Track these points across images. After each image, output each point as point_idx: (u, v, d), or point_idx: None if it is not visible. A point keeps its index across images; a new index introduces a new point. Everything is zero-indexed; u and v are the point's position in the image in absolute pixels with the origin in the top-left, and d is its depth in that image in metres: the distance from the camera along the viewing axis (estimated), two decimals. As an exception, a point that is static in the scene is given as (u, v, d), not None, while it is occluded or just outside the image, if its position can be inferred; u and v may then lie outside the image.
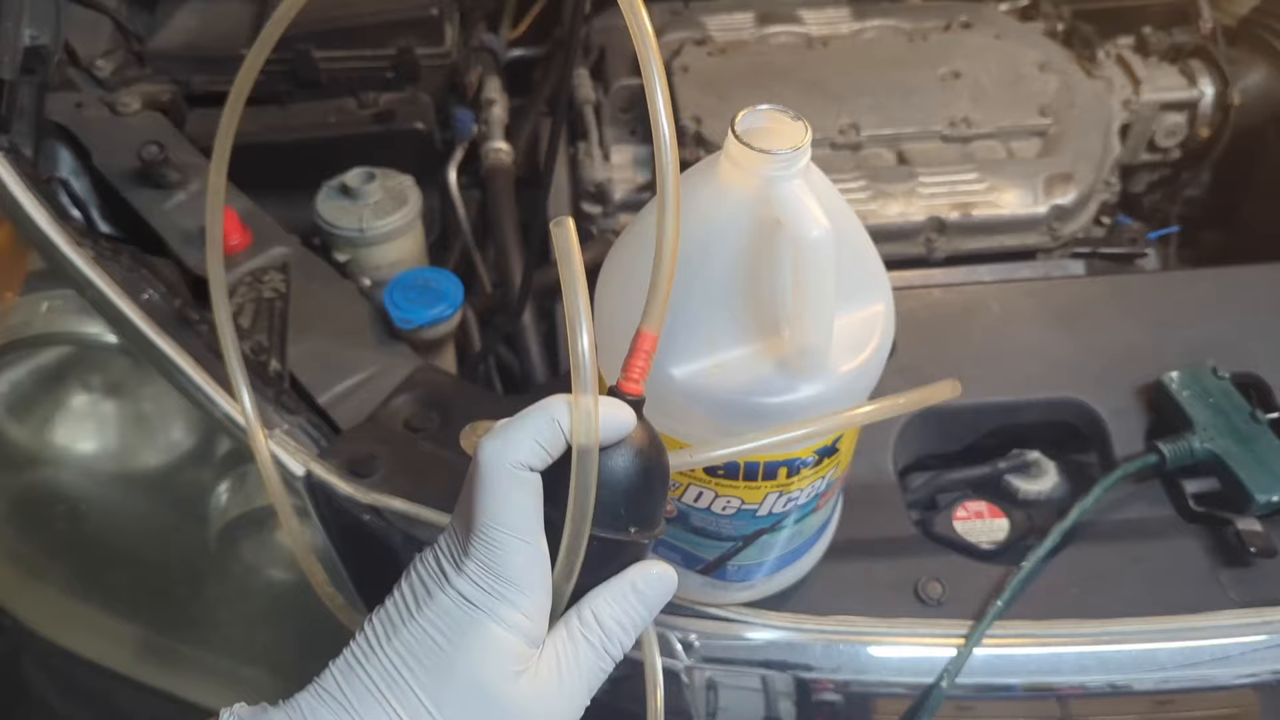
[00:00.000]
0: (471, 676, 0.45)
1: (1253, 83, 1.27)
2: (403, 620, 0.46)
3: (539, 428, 0.46)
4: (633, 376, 0.50)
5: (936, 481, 0.86)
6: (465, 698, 0.45)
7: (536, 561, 0.46)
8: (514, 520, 0.45)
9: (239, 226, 0.97)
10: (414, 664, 0.45)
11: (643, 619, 0.49)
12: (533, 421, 0.46)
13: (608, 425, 0.47)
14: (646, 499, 0.49)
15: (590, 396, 0.46)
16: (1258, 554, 0.76)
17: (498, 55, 1.37)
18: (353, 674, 0.46)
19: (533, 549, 0.46)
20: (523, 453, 0.46)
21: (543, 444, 0.46)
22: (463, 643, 0.45)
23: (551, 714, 0.46)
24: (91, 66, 1.14)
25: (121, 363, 0.90)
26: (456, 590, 0.46)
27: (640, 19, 0.47)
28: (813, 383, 0.57)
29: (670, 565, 0.50)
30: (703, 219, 0.56)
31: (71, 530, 1.00)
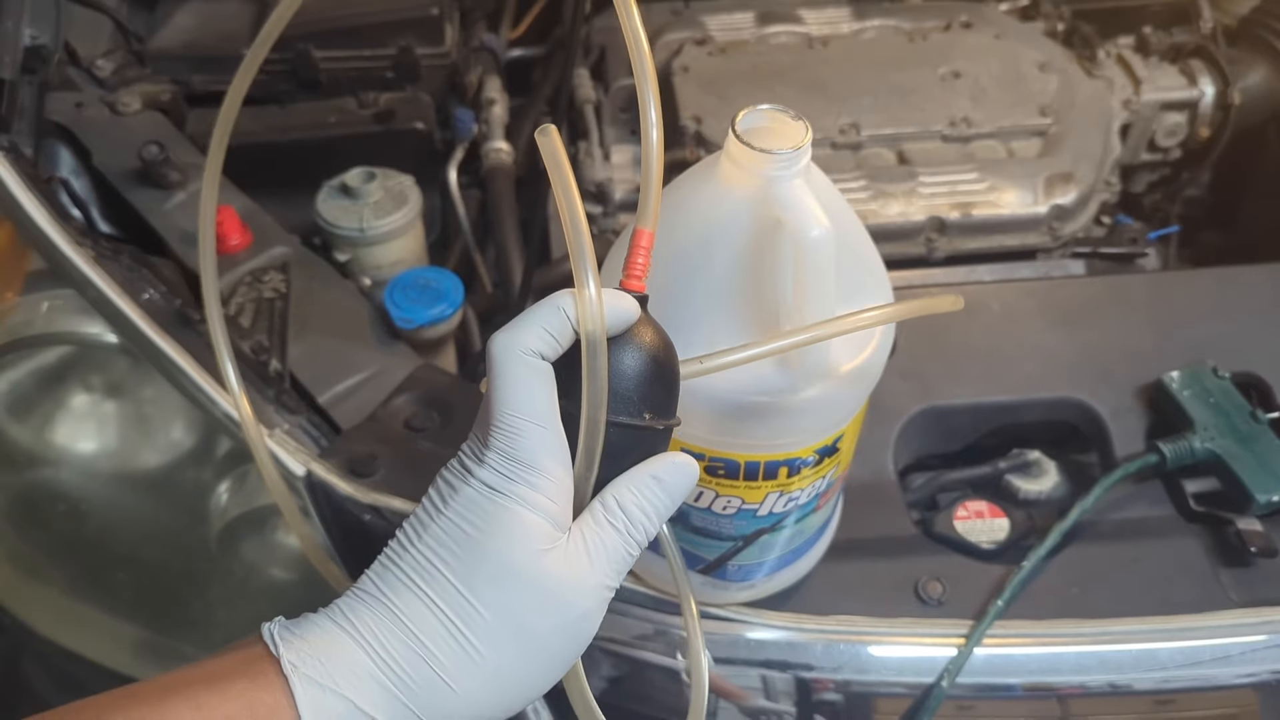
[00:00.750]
0: (500, 558, 0.46)
1: (1253, 82, 1.27)
2: (431, 517, 0.48)
3: (546, 316, 0.47)
4: (634, 273, 0.51)
5: (937, 481, 0.86)
6: (497, 578, 0.46)
7: (554, 444, 0.47)
8: (528, 405, 0.47)
9: (239, 226, 0.97)
10: (445, 554, 0.47)
11: (665, 507, 0.50)
12: (540, 311, 0.48)
13: (612, 315, 0.48)
14: (659, 385, 0.50)
15: (594, 285, 0.47)
16: (1258, 554, 0.76)
17: (498, 55, 1.37)
18: (387, 572, 0.47)
19: (549, 432, 0.47)
20: (532, 340, 0.47)
21: (551, 331, 0.47)
22: (489, 528, 0.46)
23: (581, 590, 0.47)
24: (92, 66, 1.14)
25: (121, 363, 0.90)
26: (480, 480, 0.47)
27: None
28: (813, 382, 0.57)
29: (690, 457, 0.51)
30: (703, 218, 0.56)
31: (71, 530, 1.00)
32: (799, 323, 0.55)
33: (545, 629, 0.47)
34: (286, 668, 0.44)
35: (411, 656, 0.45)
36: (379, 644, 0.46)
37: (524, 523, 0.46)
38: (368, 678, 0.45)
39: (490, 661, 0.46)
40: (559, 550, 0.47)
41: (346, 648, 0.46)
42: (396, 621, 0.46)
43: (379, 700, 0.45)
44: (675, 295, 0.57)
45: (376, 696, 0.45)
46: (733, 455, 0.60)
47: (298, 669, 0.44)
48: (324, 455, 0.84)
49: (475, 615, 0.46)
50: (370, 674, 0.45)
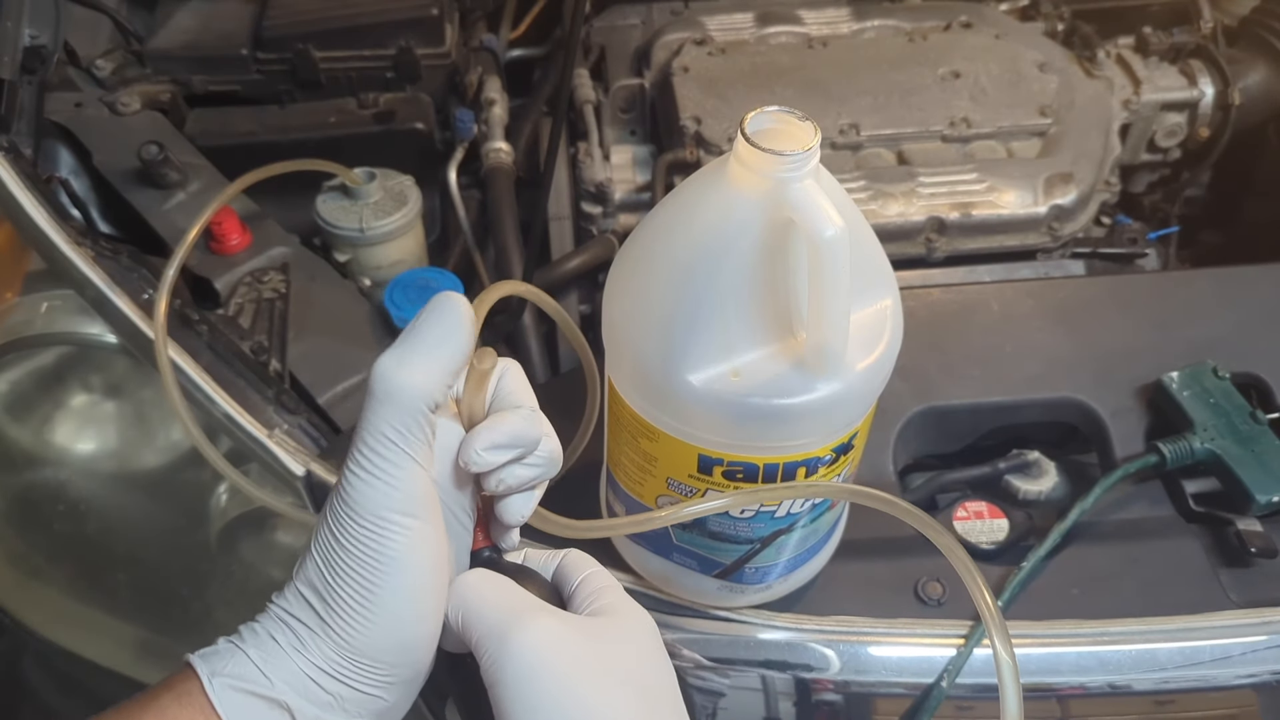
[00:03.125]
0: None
1: (1253, 82, 1.27)
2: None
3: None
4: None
5: (936, 481, 0.86)
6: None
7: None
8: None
9: (239, 227, 0.98)
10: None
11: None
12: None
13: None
14: None
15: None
16: (1258, 554, 0.76)
17: (498, 55, 1.37)
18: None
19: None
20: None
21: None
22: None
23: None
24: (91, 66, 1.14)
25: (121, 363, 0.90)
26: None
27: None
28: (830, 381, 0.57)
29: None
30: (714, 222, 0.56)
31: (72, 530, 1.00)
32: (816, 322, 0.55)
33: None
34: (205, 680, 0.47)
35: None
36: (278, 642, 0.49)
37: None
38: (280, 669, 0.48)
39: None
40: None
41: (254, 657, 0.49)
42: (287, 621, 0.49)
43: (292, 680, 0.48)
44: (689, 300, 0.57)
45: (289, 677, 0.48)
46: (751, 459, 0.60)
47: (214, 677, 0.47)
48: (324, 455, 0.84)
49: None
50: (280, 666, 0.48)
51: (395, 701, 0.51)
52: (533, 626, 0.48)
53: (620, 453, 0.67)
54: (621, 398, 0.63)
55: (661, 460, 0.63)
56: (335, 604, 0.48)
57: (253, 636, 0.49)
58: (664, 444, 0.62)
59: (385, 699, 0.50)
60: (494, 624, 0.49)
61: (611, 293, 0.63)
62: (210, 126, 1.18)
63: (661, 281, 0.58)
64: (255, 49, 1.22)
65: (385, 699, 0.50)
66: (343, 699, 0.49)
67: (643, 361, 0.59)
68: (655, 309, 0.58)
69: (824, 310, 0.54)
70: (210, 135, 1.15)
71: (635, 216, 1.21)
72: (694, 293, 0.57)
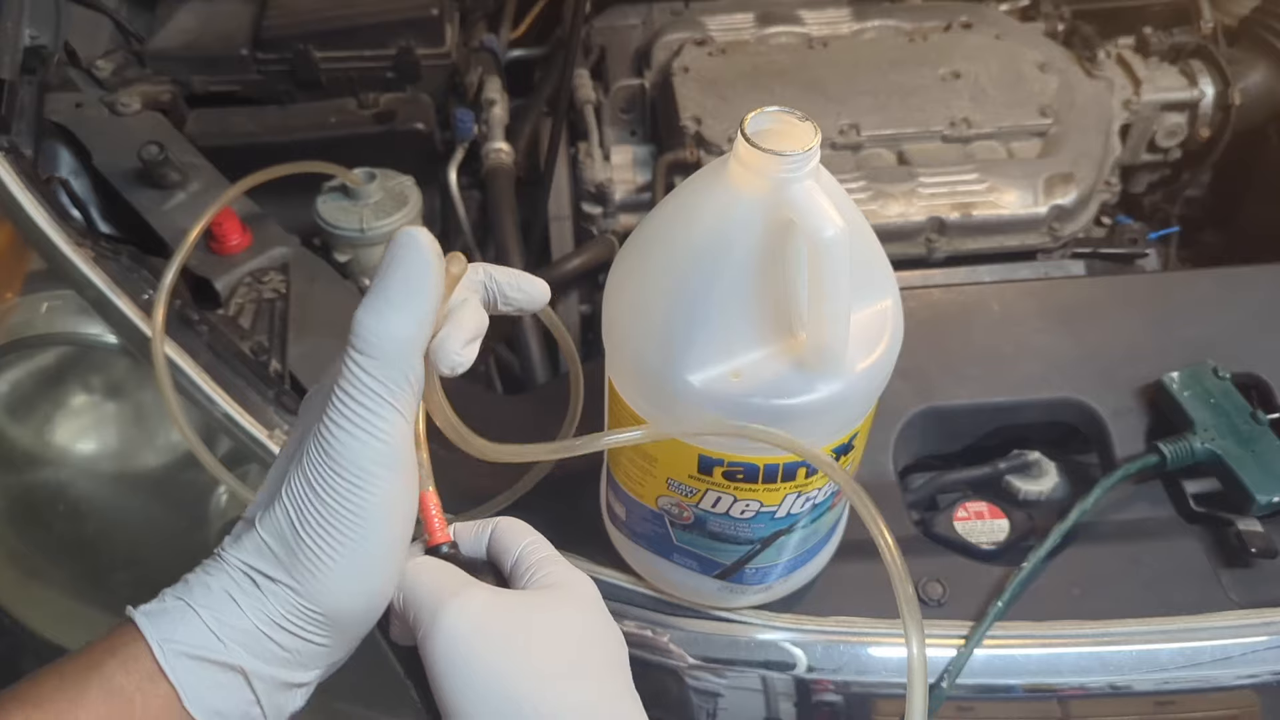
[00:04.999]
0: None
1: (1253, 83, 1.27)
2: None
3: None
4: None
5: (937, 482, 0.86)
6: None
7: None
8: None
9: (239, 227, 0.97)
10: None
11: None
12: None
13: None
14: None
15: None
16: (1258, 554, 0.76)
17: (498, 55, 1.37)
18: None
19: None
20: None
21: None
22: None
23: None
24: (91, 66, 1.14)
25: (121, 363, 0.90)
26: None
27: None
28: (830, 381, 0.57)
29: None
30: (714, 222, 0.56)
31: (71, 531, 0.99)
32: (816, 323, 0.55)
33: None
34: (155, 647, 0.46)
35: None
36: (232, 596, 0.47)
37: None
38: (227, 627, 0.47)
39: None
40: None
41: (203, 615, 0.47)
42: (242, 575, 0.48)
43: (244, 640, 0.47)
44: (689, 301, 0.57)
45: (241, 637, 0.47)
46: (751, 459, 0.60)
47: (165, 643, 0.46)
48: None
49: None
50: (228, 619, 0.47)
51: (344, 653, 0.51)
52: (458, 603, 0.48)
53: (620, 453, 0.67)
54: (621, 398, 0.63)
55: (661, 460, 0.63)
56: (305, 556, 0.46)
57: (204, 592, 0.48)
58: (664, 444, 0.62)
59: (338, 649, 0.49)
60: (426, 604, 0.49)
61: (611, 293, 0.63)
62: (210, 127, 1.18)
63: (662, 282, 0.58)
64: (255, 49, 1.22)
65: (338, 649, 0.49)
66: (298, 653, 0.48)
67: (643, 362, 0.59)
68: (655, 309, 0.58)
69: (824, 311, 0.54)
70: (210, 135, 1.15)
71: (635, 217, 1.21)
72: (694, 293, 0.56)
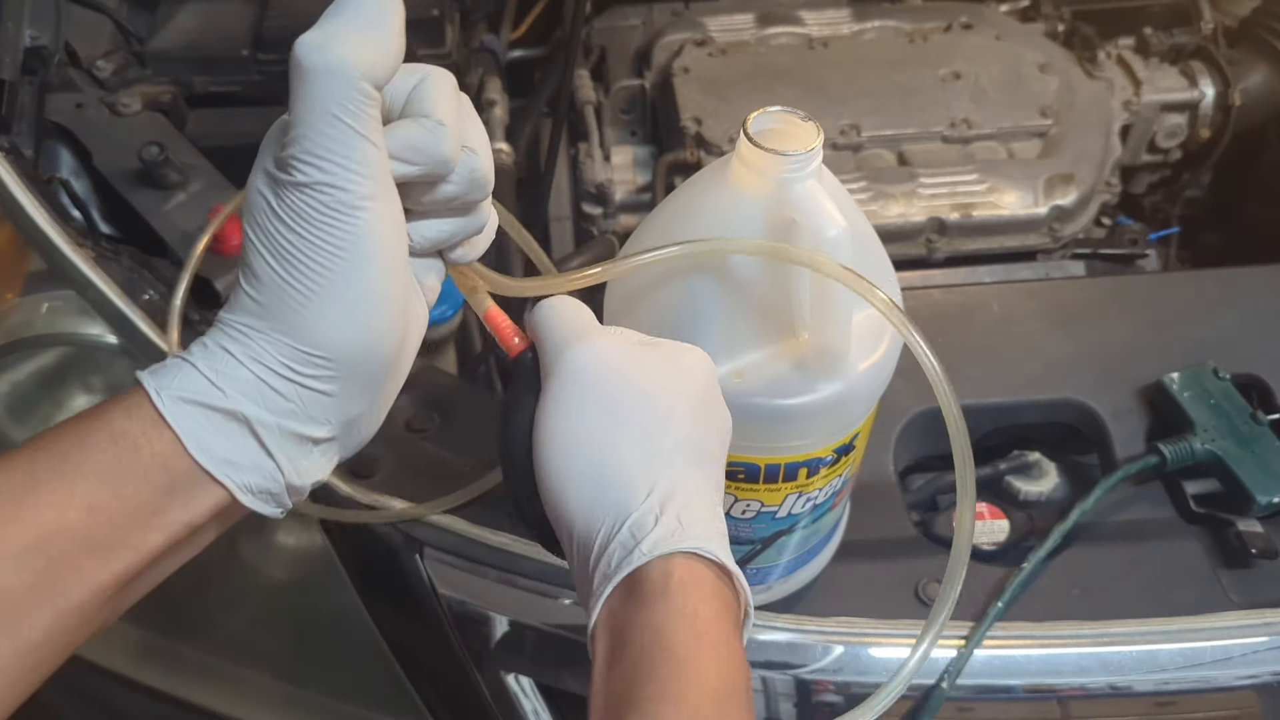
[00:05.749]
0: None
1: (1253, 83, 1.27)
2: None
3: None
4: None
5: (937, 482, 0.86)
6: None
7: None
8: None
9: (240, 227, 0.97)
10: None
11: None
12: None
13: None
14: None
15: None
16: (1259, 555, 0.76)
17: (498, 56, 1.37)
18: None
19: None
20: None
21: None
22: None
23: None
24: (92, 67, 1.14)
25: (121, 363, 0.90)
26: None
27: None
28: (832, 382, 0.57)
29: None
30: (716, 222, 0.56)
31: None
32: (818, 323, 0.55)
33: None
34: (153, 394, 0.44)
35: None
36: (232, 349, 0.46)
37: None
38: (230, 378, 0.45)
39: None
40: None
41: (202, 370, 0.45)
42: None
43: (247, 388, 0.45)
44: (691, 301, 0.57)
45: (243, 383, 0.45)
46: (752, 459, 0.60)
47: (162, 390, 0.44)
48: (324, 456, 0.83)
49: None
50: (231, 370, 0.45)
51: (361, 408, 0.48)
52: (597, 336, 0.50)
53: (621, 453, 0.67)
54: (622, 398, 0.63)
55: (662, 461, 0.63)
56: (290, 296, 0.44)
57: (201, 350, 0.46)
58: (664, 445, 0.62)
59: (347, 401, 0.47)
60: (563, 335, 0.50)
61: (612, 294, 0.63)
62: (211, 127, 1.18)
63: (663, 282, 0.58)
64: (256, 50, 1.22)
65: (347, 401, 0.47)
66: (301, 401, 0.46)
67: (643, 362, 0.59)
68: (657, 310, 0.58)
69: (826, 311, 0.55)
70: (211, 136, 1.15)
71: (636, 217, 1.21)
72: (696, 293, 0.57)
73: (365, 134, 0.43)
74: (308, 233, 0.44)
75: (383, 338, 0.47)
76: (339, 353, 0.45)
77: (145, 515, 0.44)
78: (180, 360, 0.46)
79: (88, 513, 0.43)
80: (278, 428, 0.46)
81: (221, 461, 0.45)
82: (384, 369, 0.48)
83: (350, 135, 0.43)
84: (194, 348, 0.46)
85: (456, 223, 0.50)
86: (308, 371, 0.45)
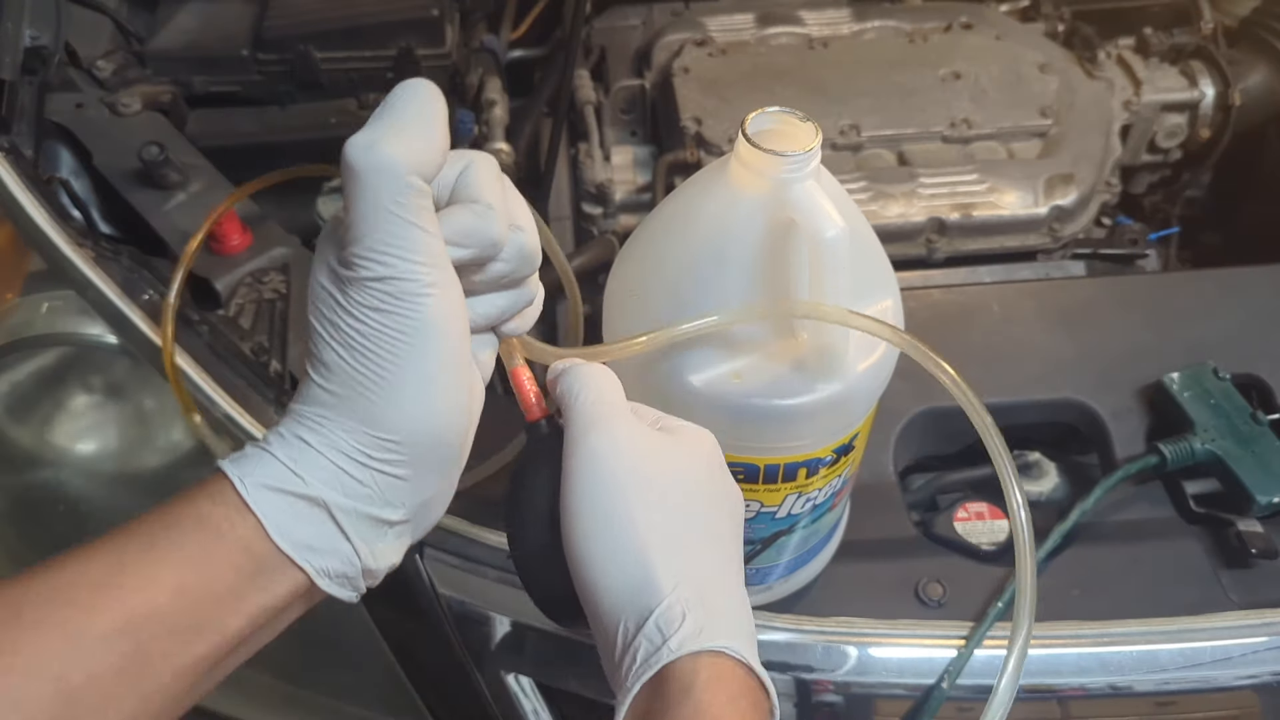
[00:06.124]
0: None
1: (1254, 83, 1.27)
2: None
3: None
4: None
5: (937, 482, 0.86)
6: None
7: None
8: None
9: (239, 227, 0.97)
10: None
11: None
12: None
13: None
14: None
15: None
16: (1258, 555, 0.76)
17: (498, 56, 1.37)
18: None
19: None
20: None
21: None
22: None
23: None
24: (92, 67, 1.14)
25: (121, 363, 0.90)
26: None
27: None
28: (831, 382, 0.57)
29: None
30: (715, 223, 0.56)
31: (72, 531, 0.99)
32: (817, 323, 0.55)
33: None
34: (236, 481, 0.46)
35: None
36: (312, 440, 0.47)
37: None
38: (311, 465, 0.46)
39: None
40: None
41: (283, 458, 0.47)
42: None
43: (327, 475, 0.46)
44: (690, 301, 0.57)
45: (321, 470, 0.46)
46: (752, 459, 0.60)
47: (246, 478, 0.46)
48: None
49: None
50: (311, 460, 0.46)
51: (434, 489, 0.49)
52: (619, 423, 0.51)
53: (621, 453, 0.67)
54: (622, 398, 0.63)
55: (662, 461, 0.63)
56: (362, 384, 0.45)
57: (279, 439, 0.47)
58: (665, 445, 0.62)
59: (420, 483, 0.48)
60: (590, 415, 0.51)
61: (612, 294, 0.63)
62: (211, 127, 1.18)
63: (662, 282, 0.58)
64: (256, 50, 1.22)
65: (420, 483, 0.48)
66: (378, 486, 0.47)
67: (644, 362, 0.59)
68: (656, 310, 0.58)
69: (825, 311, 0.54)
70: (211, 136, 1.15)
71: (636, 217, 1.21)
72: (695, 293, 0.57)
73: (422, 226, 0.45)
74: (376, 323, 0.45)
75: (451, 419, 0.48)
76: (411, 436, 0.47)
77: (228, 599, 0.45)
78: (260, 450, 0.47)
79: (174, 596, 0.44)
80: (355, 512, 0.47)
81: (302, 546, 0.46)
82: (453, 449, 0.49)
83: (408, 229, 0.44)
84: (270, 437, 0.48)
85: (508, 297, 0.52)
86: (382, 456, 0.47)
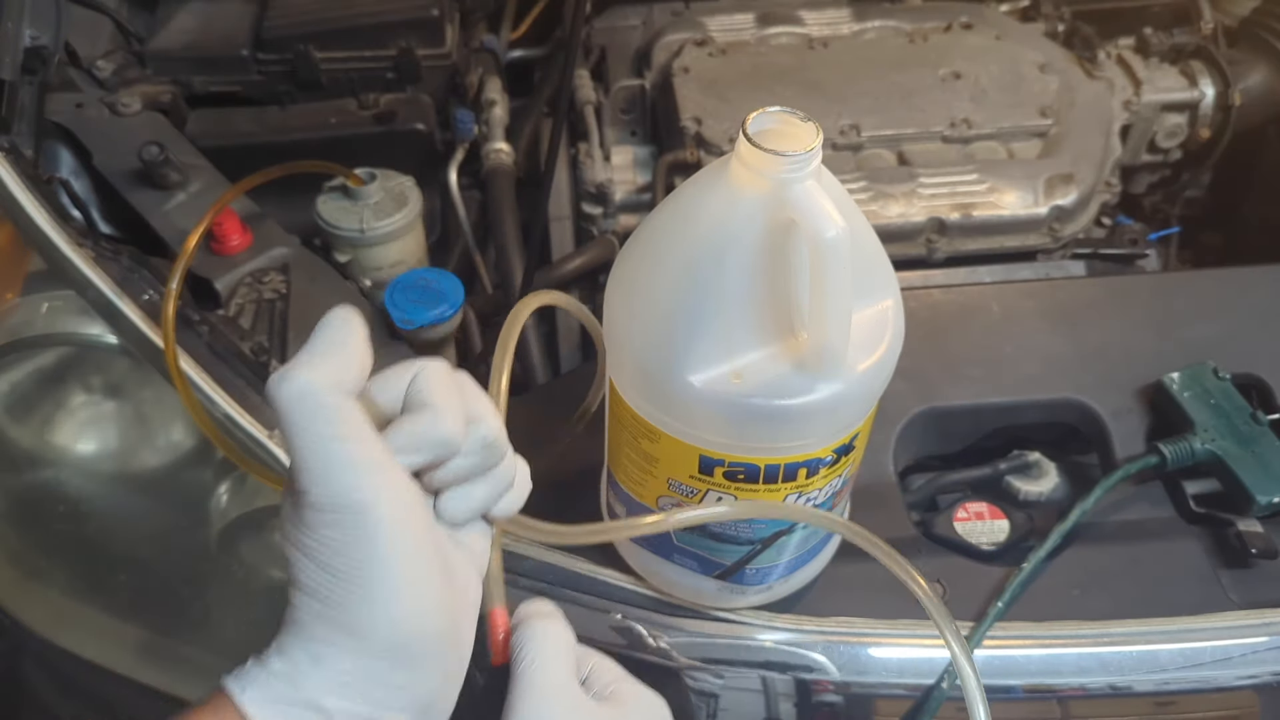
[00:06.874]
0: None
1: (1253, 83, 1.27)
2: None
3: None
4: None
5: (937, 482, 0.86)
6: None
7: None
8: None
9: (239, 227, 0.97)
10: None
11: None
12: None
13: None
14: None
15: None
16: (1258, 555, 0.76)
17: (498, 56, 1.38)
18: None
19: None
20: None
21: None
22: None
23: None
24: (92, 67, 1.14)
25: (121, 363, 0.90)
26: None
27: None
28: (831, 382, 0.57)
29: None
30: (716, 222, 0.56)
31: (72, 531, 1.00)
32: (817, 323, 0.55)
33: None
34: (236, 696, 0.46)
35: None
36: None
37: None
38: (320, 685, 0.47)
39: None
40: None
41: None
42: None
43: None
44: (690, 301, 0.57)
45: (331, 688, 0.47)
46: (752, 459, 0.60)
47: (245, 690, 0.47)
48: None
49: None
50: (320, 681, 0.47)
51: (432, 686, 0.50)
52: (542, 704, 0.52)
53: (621, 453, 0.67)
54: (622, 398, 0.63)
55: (662, 461, 0.63)
56: (328, 596, 0.46)
57: (277, 655, 0.48)
58: (665, 445, 0.62)
59: (417, 685, 0.48)
60: (523, 681, 0.53)
61: (612, 293, 0.63)
62: (211, 127, 1.18)
63: (662, 282, 0.58)
64: (256, 50, 1.22)
65: (417, 685, 0.48)
66: (373, 693, 0.47)
67: (644, 362, 0.59)
68: (656, 310, 0.58)
69: (825, 311, 0.54)
70: (211, 136, 1.16)
71: (636, 217, 1.21)
72: (695, 293, 0.57)
73: (346, 437, 0.45)
74: (330, 538, 0.46)
75: (430, 616, 0.48)
76: (390, 640, 0.47)
77: None
78: (257, 667, 0.48)
79: None
80: (355, 715, 0.47)
81: None
82: (442, 644, 0.49)
83: (333, 444, 0.45)
84: (268, 655, 0.48)
85: (486, 486, 0.52)
86: (373, 665, 0.47)
